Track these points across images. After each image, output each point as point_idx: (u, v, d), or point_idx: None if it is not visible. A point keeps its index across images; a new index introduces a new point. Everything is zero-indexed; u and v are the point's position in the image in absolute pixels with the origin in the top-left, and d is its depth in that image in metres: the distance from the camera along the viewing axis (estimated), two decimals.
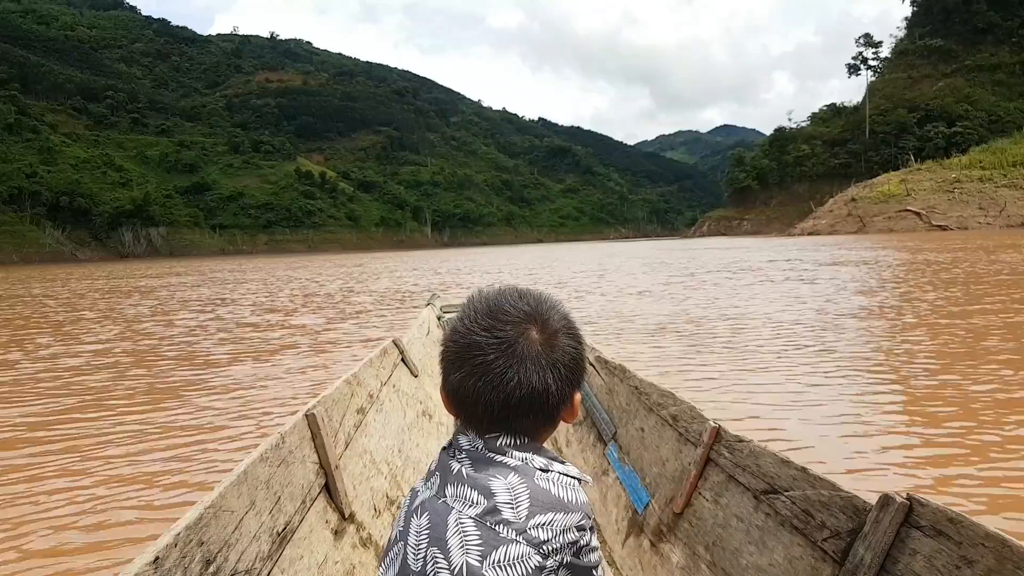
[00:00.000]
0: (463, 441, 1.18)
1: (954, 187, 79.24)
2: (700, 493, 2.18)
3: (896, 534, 1.36)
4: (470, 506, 1.10)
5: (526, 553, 1.05)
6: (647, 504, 2.50)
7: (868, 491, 1.43)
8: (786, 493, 1.76)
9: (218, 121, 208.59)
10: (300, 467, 1.94)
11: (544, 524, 1.06)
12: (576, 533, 1.08)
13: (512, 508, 1.08)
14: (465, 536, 1.09)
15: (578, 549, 1.09)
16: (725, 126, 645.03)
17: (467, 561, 1.07)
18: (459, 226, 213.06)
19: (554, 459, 1.16)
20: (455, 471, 1.16)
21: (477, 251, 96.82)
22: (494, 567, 1.05)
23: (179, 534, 1.25)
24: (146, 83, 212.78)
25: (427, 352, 4.93)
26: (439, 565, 1.09)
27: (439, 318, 6.64)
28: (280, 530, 1.70)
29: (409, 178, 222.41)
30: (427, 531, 1.13)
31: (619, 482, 2.82)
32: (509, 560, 1.05)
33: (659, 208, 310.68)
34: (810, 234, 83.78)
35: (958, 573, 1.23)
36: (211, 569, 1.35)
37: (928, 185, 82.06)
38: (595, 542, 1.13)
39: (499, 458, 1.14)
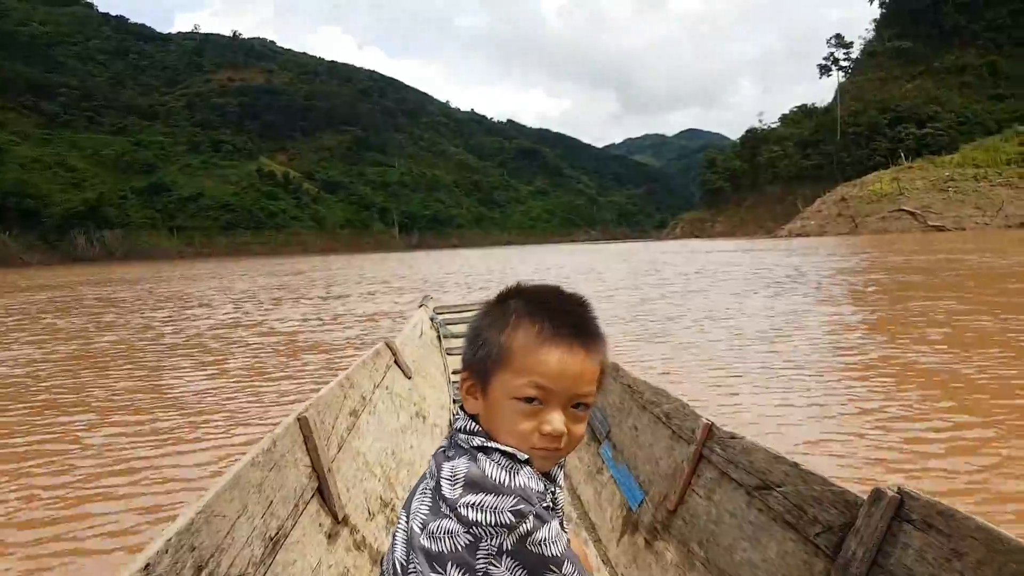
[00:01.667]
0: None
1: (948, 185, 73.05)
2: (693, 490, 2.14)
3: (887, 528, 1.35)
4: (431, 479, 1.14)
5: (456, 530, 1.05)
6: (641, 502, 2.46)
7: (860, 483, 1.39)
8: (778, 489, 1.73)
9: (177, 120, 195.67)
10: (292, 471, 1.90)
11: (473, 504, 1.05)
12: (511, 517, 1.04)
13: (451, 485, 1.09)
14: (421, 504, 1.13)
15: (520, 537, 1.05)
16: (691, 130, 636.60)
17: (413, 526, 1.12)
18: (428, 228, 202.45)
19: (493, 439, 1.15)
20: (440, 447, 1.21)
21: (447, 255, 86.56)
22: (428, 536, 1.08)
23: (170, 540, 1.22)
24: (102, 81, 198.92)
25: (421, 354, 4.71)
26: (400, 525, 1.16)
27: (432, 319, 6.32)
28: (273, 534, 1.67)
29: (376, 179, 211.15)
30: (409, 495, 1.20)
31: (613, 481, 2.78)
32: (440, 533, 1.06)
33: (627, 211, 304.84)
34: (798, 235, 76.54)
35: (948, 566, 1.22)
36: (203, 575, 1.33)
37: (921, 184, 75.79)
38: (547, 533, 1.07)
39: (457, 439, 1.18)
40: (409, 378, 3.91)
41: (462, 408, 1.22)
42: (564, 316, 1.15)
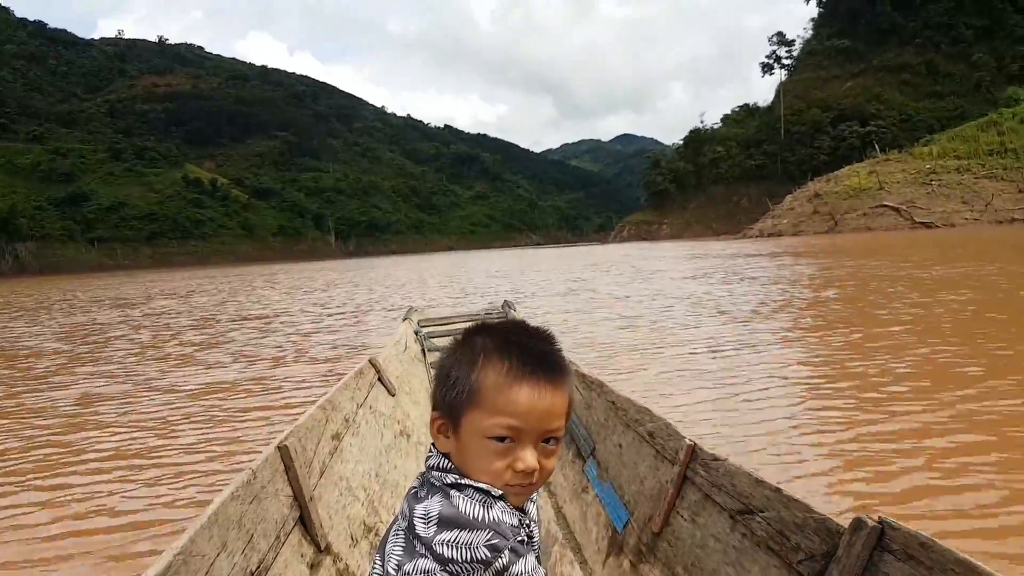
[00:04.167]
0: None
1: (931, 179, 67.25)
2: (678, 512, 2.09)
3: (869, 558, 1.34)
4: (403, 519, 1.12)
5: (432, 569, 1.03)
6: (626, 523, 2.40)
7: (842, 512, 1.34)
8: (761, 514, 1.69)
9: (98, 127, 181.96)
10: (273, 501, 1.84)
11: (448, 541, 1.03)
12: (487, 552, 1.03)
13: (424, 524, 1.07)
14: (394, 546, 1.11)
15: (496, 573, 1.04)
16: (625, 135, 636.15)
17: (388, 568, 1.09)
18: (365, 234, 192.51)
19: (466, 476, 1.13)
20: (412, 487, 1.18)
21: (383, 263, 77.64)
22: None
23: None
24: (17, 87, 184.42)
25: (405, 369, 4.55)
26: (376, 571, 1.14)
27: (416, 333, 6.09)
28: (254, 569, 1.62)
29: (310, 184, 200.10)
30: (383, 537, 1.17)
31: (599, 500, 2.71)
32: (416, 574, 1.04)
33: (568, 215, 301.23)
34: (770, 235, 70.39)
35: None
36: None
37: (901, 177, 69.98)
38: (523, 567, 1.07)
39: (429, 477, 1.16)
40: (393, 395, 3.75)
41: (433, 446, 1.20)
42: (531, 352, 1.14)
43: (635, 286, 18.94)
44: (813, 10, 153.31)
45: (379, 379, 3.64)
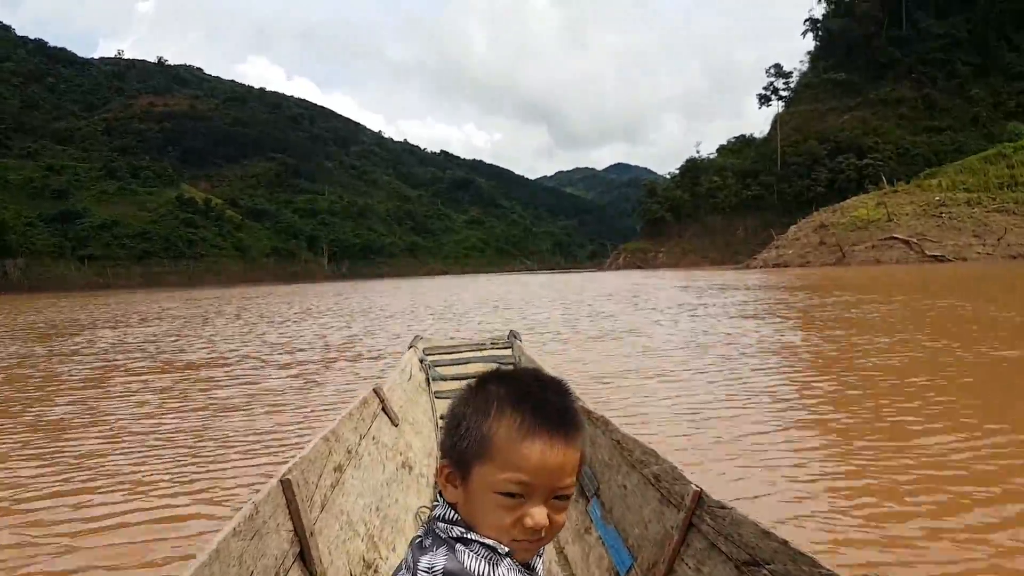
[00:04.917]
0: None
1: (941, 211, 63.93)
2: (683, 560, 1.98)
3: None
4: (407, 571, 1.09)
5: None
6: (630, 568, 2.29)
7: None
8: (767, 566, 1.62)
9: (93, 145, 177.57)
10: (274, 537, 1.80)
11: None
12: None
13: None
14: None
15: None
16: (619, 164, 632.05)
17: None
18: (359, 257, 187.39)
19: (473, 529, 1.09)
20: (416, 536, 1.14)
21: (373, 287, 72.87)
22: None
23: None
24: (14, 103, 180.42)
25: (409, 398, 4.40)
26: None
27: (421, 361, 5.76)
28: None
29: (304, 207, 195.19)
30: None
31: (601, 542, 2.60)
32: None
33: (562, 241, 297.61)
34: (775, 266, 66.16)
35: None
36: None
37: (910, 209, 66.57)
38: None
39: (435, 528, 1.12)
40: (396, 425, 3.63)
41: (440, 494, 1.15)
42: (545, 406, 1.10)
43: (686, 326, 14.46)
44: (809, 44, 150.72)
45: (383, 409, 3.51)
